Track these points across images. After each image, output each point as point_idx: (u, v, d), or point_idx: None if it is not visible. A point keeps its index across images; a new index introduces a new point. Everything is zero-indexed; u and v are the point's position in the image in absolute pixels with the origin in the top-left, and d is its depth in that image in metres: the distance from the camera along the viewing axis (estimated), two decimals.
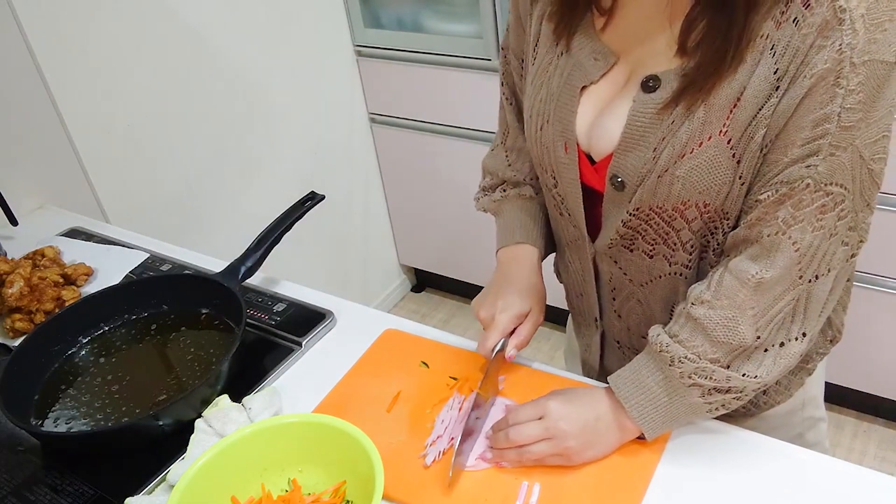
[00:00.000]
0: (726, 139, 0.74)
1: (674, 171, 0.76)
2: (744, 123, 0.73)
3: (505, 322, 0.91)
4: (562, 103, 0.85)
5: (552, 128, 0.86)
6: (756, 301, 0.76)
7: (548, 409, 0.83)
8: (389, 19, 2.13)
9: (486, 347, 0.91)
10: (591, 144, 0.84)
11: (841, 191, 0.72)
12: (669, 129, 0.76)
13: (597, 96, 0.83)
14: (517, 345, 0.92)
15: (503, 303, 0.93)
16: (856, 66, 0.67)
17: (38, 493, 0.88)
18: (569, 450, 0.81)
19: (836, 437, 2.01)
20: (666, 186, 0.78)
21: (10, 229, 1.38)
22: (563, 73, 0.85)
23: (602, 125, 0.82)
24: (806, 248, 0.74)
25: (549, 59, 0.87)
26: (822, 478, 0.80)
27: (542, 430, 0.82)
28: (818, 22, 0.67)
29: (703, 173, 0.76)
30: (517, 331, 0.93)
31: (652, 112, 0.77)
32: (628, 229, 0.84)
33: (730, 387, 0.79)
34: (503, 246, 1.01)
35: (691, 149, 0.75)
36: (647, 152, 0.78)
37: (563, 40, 0.85)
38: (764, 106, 0.71)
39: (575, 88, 0.84)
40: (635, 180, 0.80)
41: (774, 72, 0.70)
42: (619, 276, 0.92)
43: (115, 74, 1.60)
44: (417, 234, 2.54)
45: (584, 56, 0.83)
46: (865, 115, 0.69)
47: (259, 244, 1.11)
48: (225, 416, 0.90)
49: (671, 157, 0.76)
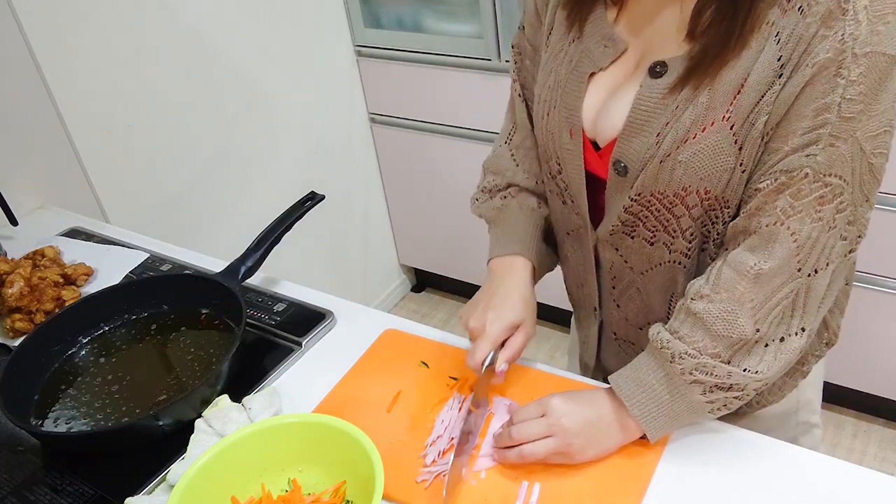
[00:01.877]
0: (729, 125, 0.74)
1: (676, 157, 0.77)
2: (747, 110, 0.73)
3: (496, 333, 0.88)
4: (569, 89, 0.85)
5: (558, 114, 0.87)
6: (755, 293, 0.76)
7: (550, 407, 0.83)
8: (389, 19, 2.13)
9: (476, 360, 0.87)
10: (597, 131, 0.84)
11: (840, 182, 0.72)
12: (674, 114, 0.76)
13: (605, 83, 0.83)
14: (508, 358, 0.89)
15: (494, 314, 0.89)
16: (857, 57, 0.67)
17: (38, 493, 0.88)
18: (571, 447, 0.81)
19: (836, 437, 2.01)
20: (668, 172, 0.78)
21: (10, 229, 1.38)
22: (572, 59, 0.85)
23: (608, 111, 0.82)
24: (804, 240, 0.74)
25: (561, 46, 0.87)
26: (821, 478, 0.80)
27: (545, 427, 0.82)
28: (822, 11, 0.68)
29: (704, 159, 0.76)
30: (508, 343, 0.90)
31: (658, 97, 0.77)
32: (630, 215, 0.84)
33: (731, 384, 0.78)
34: (497, 256, 0.98)
35: (694, 134, 0.75)
36: (650, 137, 0.78)
37: (575, 27, 0.85)
38: (767, 93, 0.72)
39: (583, 75, 0.84)
40: (638, 165, 0.80)
41: (778, 59, 0.70)
42: (619, 264, 0.91)
43: (115, 74, 1.60)
44: (417, 234, 2.54)
45: (594, 43, 0.83)
46: (866, 108, 0.69)
47: (259, 244, 1.11)
48: (225, 416, 0.90)
49: (674, 141, 0.76)
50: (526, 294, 0.94)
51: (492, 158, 1.05)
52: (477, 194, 1.06)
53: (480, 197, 1.05)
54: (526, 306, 0.92)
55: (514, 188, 1.02)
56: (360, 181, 2.40)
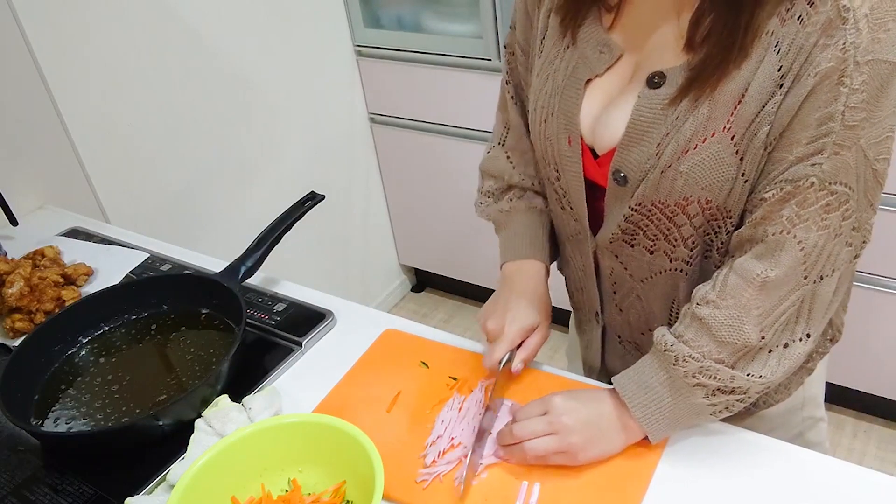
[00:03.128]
0: (730, 135, 0.74)
1: (677, 167, 0.77)
2: (747, 120, 0.73)
3: (514, 334, 0.91)
4: (566, 96, 0.85)
5: (556, 121, 0.86)
6: (761, 301, 0.76)
7: (552, 405, 0.83)
8: (389, 19, 2.13)
9: (494, 360, 0.90)
10: (595, 138, 0.84)
11: (845, 190, 0.72)
12: (674, 125, 0.76)
13: (602, 89, 0.83)
14: (524, 358, 0.91)
15: (512, 315, 0.92)
16: (859, 66, 0.67)
17: (38, 493, 0.88)
18: (573, 446, 0.81)
19: (836, 437, 2.01)
20: (669, 182, 0.78)
21: (10, 229, 1.38)
22: (568, 65, 0.85)
23: (606, 119, 0.82)
24: (811, 248, 0.74)
25: (556, 52, 0.87)
26: (822, 478, 0.80)
27: (546, 424, 0.82)
28: (822, 20, 0.67)
29: (705, 169, 0.76)
30: (525, 344, 0.92)
31: (657, 108, 0.77)
32: (630, 224, 0.84)
33: (734, 387, 0.78)
34: (510, 260, 1.00)
35: (695, 144, 0.75)
36: (650, 148, 0.78)
37: (569, 33, 0.85)
38: (768, 103, 0.72)
39: (580, 81, 0.84)
40: (638, 175, 0.80)
41: (779, 69, 0.70)
42: (619, 271, 0.91)
43: (116, 75, 1.60)
44: (417, 234, 2.54)
45: (590, 49, 0.83)
46: (869, 115, 0.69)
47: (259, 244, 1.11)
48: (225, 416, 0.90)
49: (675, 152, 0.76)
50: (541, 296, 0.96)
51: (487, 161, 1.04)
52: (480, 199, 1.06)
53: (484, 201, 1.05)
54: (541, 308, 0.95)
55: (518, 189, 1.02)
56: (360, 181, 2.40)
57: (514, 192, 1.02)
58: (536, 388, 0.93)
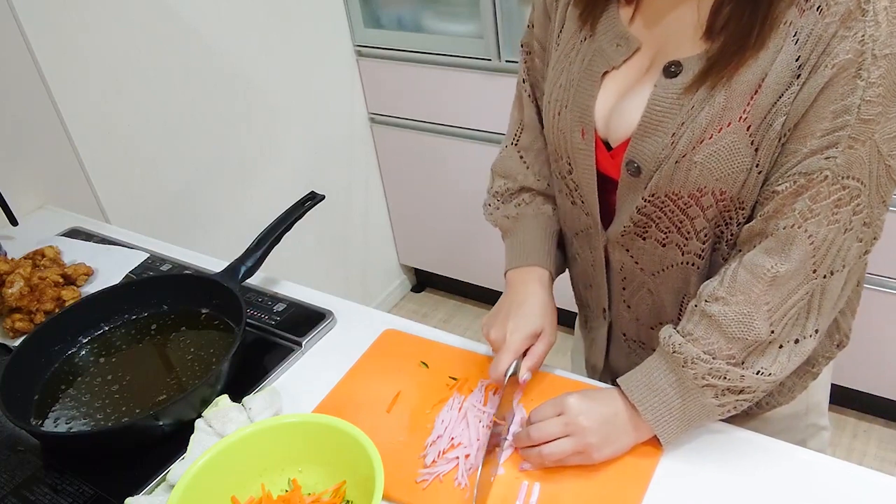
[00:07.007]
0: (746, 125, 0.74)
1: (692, 157, 0.76)
2: (764, 110, 0.73)
3: (517, 343, 0.89)
4: (581, 88, 0.85)
5: (570, 113, 0.86)
6: (771, 296, 0.76)
7: (567, 406, 0.83)
8: (389, 19, 2.13)
9: (499, 371, 0.88)
10: (609, 130, 0.84)
11: (857, 185, 0.72)
12: (689, 115, 0.76)
13: (618, 82, 0.83)
14: (530, 367, 0.90)
15: (514, 323, 0.90)
16: (877, 59, 0.67)
17: (38, 493, 0.88)
18: (589, 446, 0.80)
19: (836, 437, 2.01)
20: (683, 172, 0.77)
21: (10, 229, 1.38)
22: (584, 58, 0.85)
23: (621, 110, 0.82)
24: (821, 242, 0.74)
25: (573, 44, 0.86)
26: (822, 477, 0.80)
27: (563, 425, 0.81)
28: (841, 11, 0.67)
29: (720, 159, 0.75)
30: (530, 351, 0.91)
31: (673, 97, 0.77)
32: (642, 216, 0.84)
33: (743, 387, 0.78)
34: (514, 267, 0.98)
35: (710, 134, 0.75)
36: (665, 137, 0.77)
37: (587, 26, 0.85)
38: (784, 93, 0.71)
39: (596, 74, 0.84)
40: (652, 166, 0.79)
41: (796, 59, 0.70)
42: (630, 266, 0.91)
43: (116, 75, 1.60)
44: (417, 234, 2.54)
45: (607, 41, 0.83)
46: (885, 110, 0.69)
47: (259, 244, 1.11)
48: (225, 416, 0.90)
49: (690, 142, 0.76)
50: (545, 302, 0.94)
51: (500, 161, 1.04)
52: (489, 199, 1.05)
53: (493, 202, 1.04)
54: (545, 314, 0.93)
55: (528, 193, 1.01)
56: (360, 181, 2.40)
57: (524, 197, 1.01)
58: (541, 390, 0.93)
